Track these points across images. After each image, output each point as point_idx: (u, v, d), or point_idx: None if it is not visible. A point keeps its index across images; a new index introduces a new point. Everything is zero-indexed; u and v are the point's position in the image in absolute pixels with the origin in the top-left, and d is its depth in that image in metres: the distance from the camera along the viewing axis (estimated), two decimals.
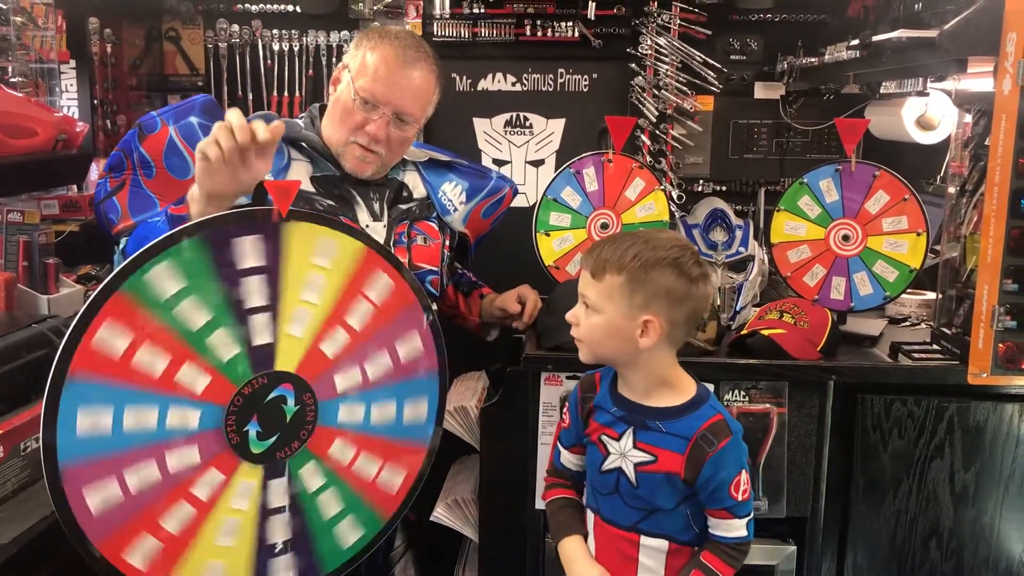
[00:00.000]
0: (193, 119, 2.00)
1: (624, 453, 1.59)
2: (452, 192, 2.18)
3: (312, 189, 1.93)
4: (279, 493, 1.57)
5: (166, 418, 1.41)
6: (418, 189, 2.12)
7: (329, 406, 1.60)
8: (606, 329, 1.55)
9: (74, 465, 1.34)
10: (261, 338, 1.50)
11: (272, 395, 1.53)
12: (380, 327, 1.64)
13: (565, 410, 1.73)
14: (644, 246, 1.53)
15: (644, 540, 1.60)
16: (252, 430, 1.52)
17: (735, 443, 1.55)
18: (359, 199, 1.98)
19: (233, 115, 1.52)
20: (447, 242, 2.16)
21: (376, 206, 2.00)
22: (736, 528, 1.56)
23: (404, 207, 2.06)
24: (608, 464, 1.61)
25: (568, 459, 1.73)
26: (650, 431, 1.57)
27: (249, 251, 1.48)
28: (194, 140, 1.91)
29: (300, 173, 1.94)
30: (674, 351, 1.60)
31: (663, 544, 1.60)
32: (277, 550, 1.58)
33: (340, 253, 1.58)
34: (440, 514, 2.12)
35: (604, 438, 1.62)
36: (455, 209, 2.17)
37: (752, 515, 1.58)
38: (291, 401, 1.56)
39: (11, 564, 1.44)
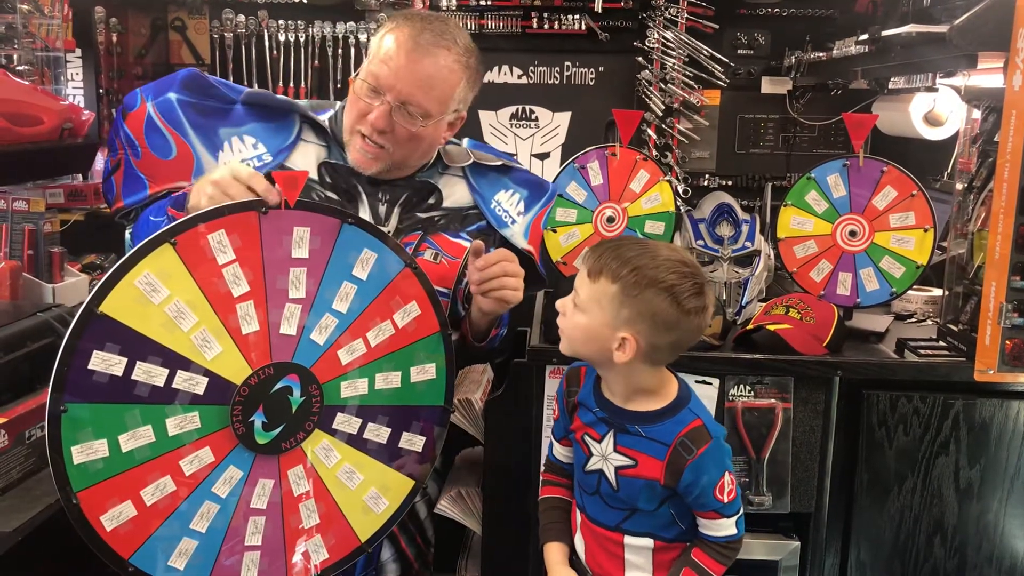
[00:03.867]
0: (172, 95, 1.84)
1: (605, 456, 1.58)
2: (509, 201, 1.98)
3: (315, 177, 1.84)
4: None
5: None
6: (456, 196, 1.94)
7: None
8: (586, 331, 1.52)
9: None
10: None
11: (278, 386, 1.53)
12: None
13: (555, 403, 1.73)
14: (648, 262, 1.48)
15: (628, 540, 1.60)
16: (258, 420, 1.51)
17: (715, 447, 1.52)
18: (364, 197, 1.85)
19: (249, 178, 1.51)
20: None
21: (383, 208, 1.85)
22: (725, 527, 1.55)
23: (424, 215, 1.89)
24: (591, 465, 1.61)
25: (560, 452, 1.73)
26: (630, 435, 1.56)
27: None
28: (172, 117, 1.83)
29: (309, 155, 1.85)
30: (656, 368, 1.56)
31: (648, 542, 1.59)
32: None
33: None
34: (444, 506, 2.12)
35: (587, 438, 1.61)
36: (513, 221, 1.96)
37: (741, 512, 1.56)
38: (296, 392, 1.55)
39: (16, 552, 1.44)
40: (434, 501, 2.09)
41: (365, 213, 1.83)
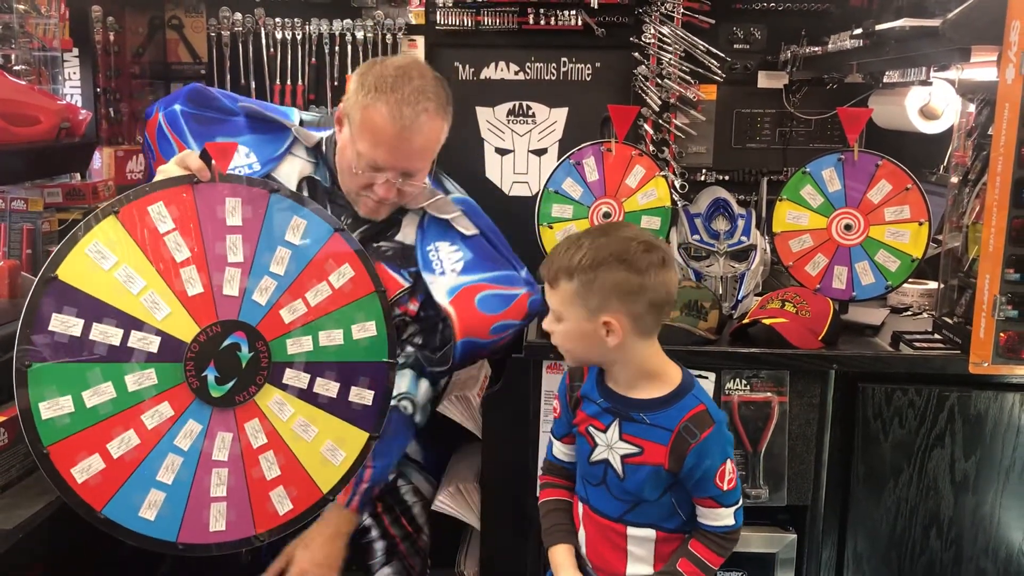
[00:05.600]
0: (177, 106, 2.05)
1: (611, 445, 1.59)
2: (447, 252, 2.00)
3: (294, 189, 1.93)
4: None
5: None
6: (408, 233, 2.02)
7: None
8: (573, 335, 1.55)
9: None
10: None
11: (226, 343, 1.68)
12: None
13: (556, 401, 1.74)
14: (591, 245, 1.51)
15: (631, 531, 1.61)
16: (210, 375, 1.66)
17: (718, 432, 1.54)
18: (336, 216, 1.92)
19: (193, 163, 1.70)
20: (411, 304, 2.01)
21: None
22: (723, 517, 1.56)
23: (375, 243, 1.98)
24: (596, 456, 1.62)
25: (561, 450, 1.73)
26: (635, 423, 1.57)
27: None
28: (177, 126, 2.02)
29: (294, 167, 1.97)
30: (652, 340, 1.58)
31: (650, 533, 1.61)
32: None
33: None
34: (442, 501, 2.13)
35: (591, 429, 1.62)
36: (442, 272, 1.97)
37: (740, 503, 1.58)
38: (245, 348, 1.69)
39: (15, 550, 1.45)
40: (419, 490, 2.13)
41: None
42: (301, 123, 2.07)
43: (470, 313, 1.93)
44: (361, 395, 1.82)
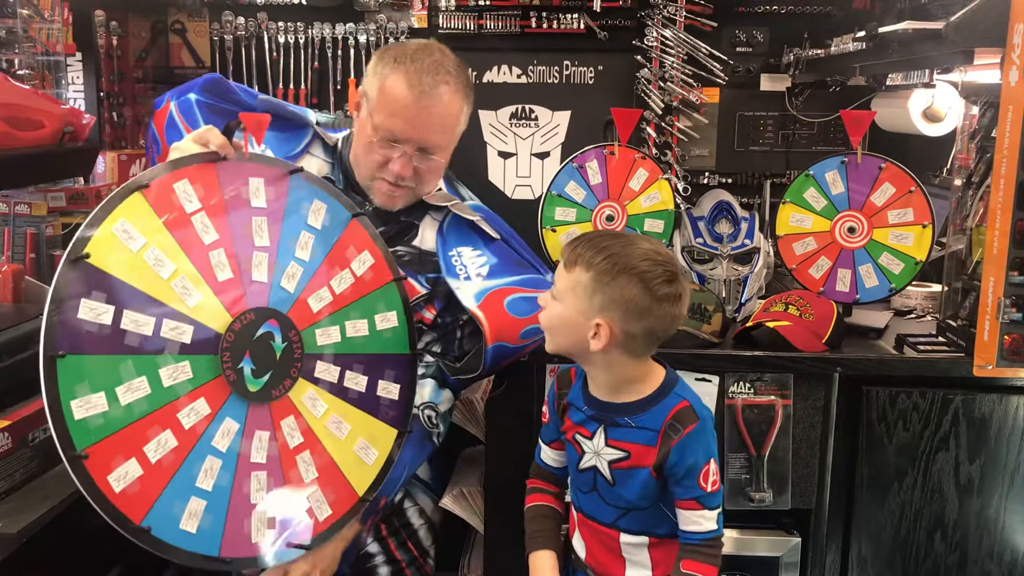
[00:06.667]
0: (192, 95, 1.97)
1: (598, 451, 1.59)
2: (470, 257, 1.95)
3: None
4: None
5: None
6: (427, 238, 1.98)
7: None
8: (562, 320, 1.54)
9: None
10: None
11: (260, 332, 1.55)
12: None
13: (545, 405, 1.73)
14: (620, 250, 1.50)
15: (624, 537, 1.61)
16: (246, 367, 1.52)
17: (702, 429, 1.53)
18: None
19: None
20: (427, 311, 1.96)
21: None
22: (708, 520, 1.54)
23: (392, 248, 1.89)
24: (584, 463, 1.62)
25: (549, 455, 1.73)
26: (620, 427, 1.57)
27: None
28: (191, 116, 1.93)
29: (311, 167, 1.90)
30: (637, 359, 1.56)
31: (643, 539, 1.61)
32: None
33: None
34: (446, 504, 2.13)
35: (578, 437, 1.62)
36: (468, 277, 1.91)
37: (722, 509, 1.56)
38: (278, 338, 1.57)
39: (20, 554, 1.45)
40: (425, 511, 2.07)
41: None
42: (317, 123, 2.02)
43: (500, 317, 1.87)
44: (388, 389, 1.73)
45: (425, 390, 1.91)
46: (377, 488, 1.71)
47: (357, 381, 1.68)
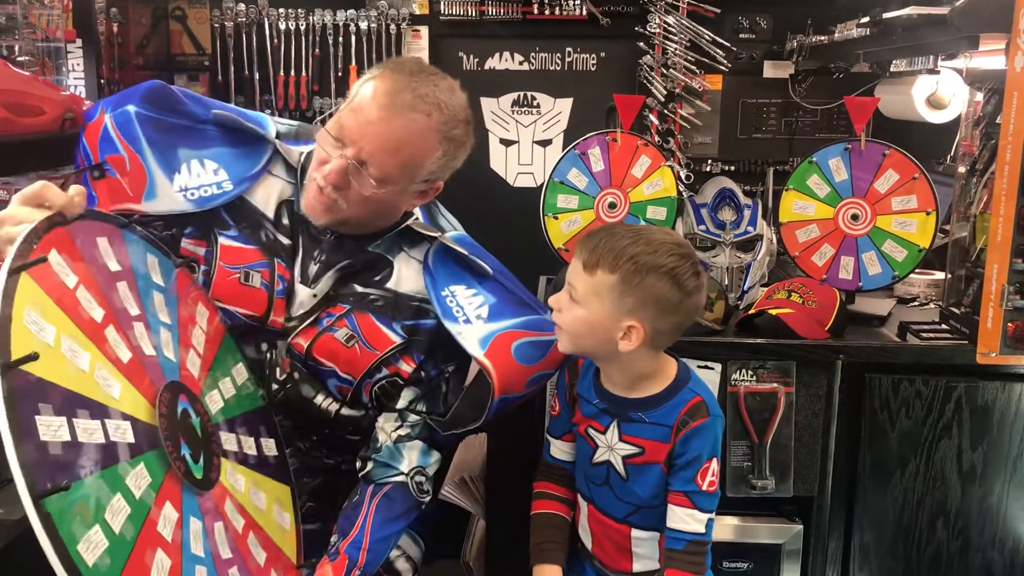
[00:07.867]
0: (131, 107, 1.68)
1: (611, 446, 1.58)
2: (465, 298, 1.70)
3: (271, 215, 1.68)
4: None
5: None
6: (406, 279, 1.70)
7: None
8: (588, 324, 1.49)
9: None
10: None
11: (180, 409, 1.36)
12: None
13: (554, 398, 1.71)
14: (644, 248, 1.46)
15: (635, 532, 1.61)
16: (186, 453, 1.32)
17: (711, 425, 1.53)
18: (302, 251, 1.66)
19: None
20: (403, 363, 1.70)
21: (313, 268, 1.66)
22: (695, 521, 1.52)
23: (362, 289, 1.68)
24: (597, 457, 1.61)
25: (560, 449, 1.71)
26: (634, 423, 1.56)
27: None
28: (130, 132, 1.66)
29: (272, 190, 1.69)
30: (657, 352, 1.56)
31: (654, 535, 1.60)
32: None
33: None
34: (448, 492, 2.13)
35: (591, 431, 1.61)
36: (467, 320, 1.66)
37: (713, 516, 1.54)
38: (192, 413, 1.39)
39: (22, 539, 1.45)
40: (411, 556, 1.88)
41: (297, 268, 1.68)
42: (278, 135, 1.73)
43: (509, 366, 1.64)
44: (269, 446, 1.59)
45: (413, 454, 1.70)
46: (304, 553, 1.56)
47: (248, 444, 1.53)
